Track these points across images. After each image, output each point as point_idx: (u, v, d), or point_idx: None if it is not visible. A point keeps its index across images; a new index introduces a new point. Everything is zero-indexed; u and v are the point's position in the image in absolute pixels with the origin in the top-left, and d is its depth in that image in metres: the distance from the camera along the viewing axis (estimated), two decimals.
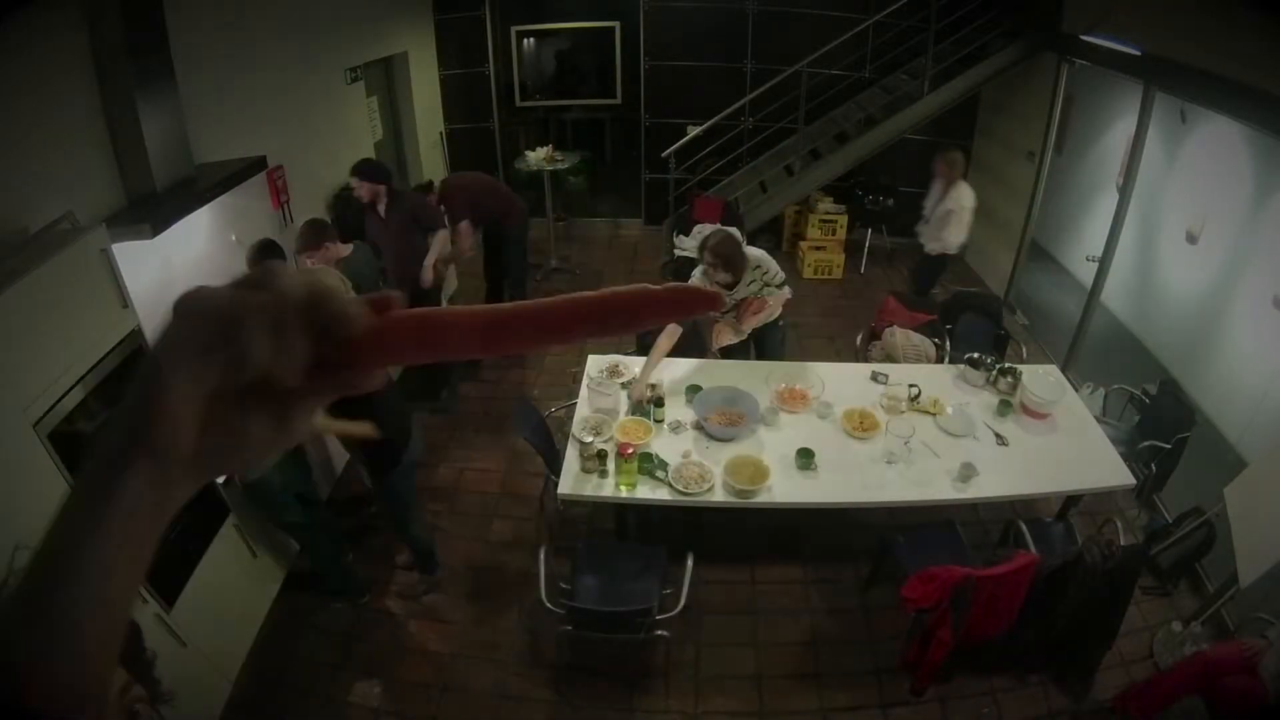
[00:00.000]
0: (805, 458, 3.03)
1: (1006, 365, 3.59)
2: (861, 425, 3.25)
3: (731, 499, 2.93)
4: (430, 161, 6.72)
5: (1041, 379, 3.55)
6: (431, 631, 3.26)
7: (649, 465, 3.00)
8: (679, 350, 3.56)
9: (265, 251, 3.09)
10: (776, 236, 6.92)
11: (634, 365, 3.58)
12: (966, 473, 2.97)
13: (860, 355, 4.23)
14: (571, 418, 3.41)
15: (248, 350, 0.33)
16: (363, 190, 3.97)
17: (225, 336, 0.33)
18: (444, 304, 3.87)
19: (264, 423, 0.37)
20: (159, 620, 2.51)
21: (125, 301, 2.45)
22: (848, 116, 6.28)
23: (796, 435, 3.21)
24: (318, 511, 3.27)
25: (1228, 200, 3.97)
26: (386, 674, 3.08)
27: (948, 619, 2.65)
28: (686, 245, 5.58)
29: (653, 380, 3.43)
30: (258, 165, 3.42)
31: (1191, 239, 4.25)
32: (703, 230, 4.64)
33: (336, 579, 3.34)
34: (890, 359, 4.03)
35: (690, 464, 3.03)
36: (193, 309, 0.34)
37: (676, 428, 3.27)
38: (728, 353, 3.79)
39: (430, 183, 5.13)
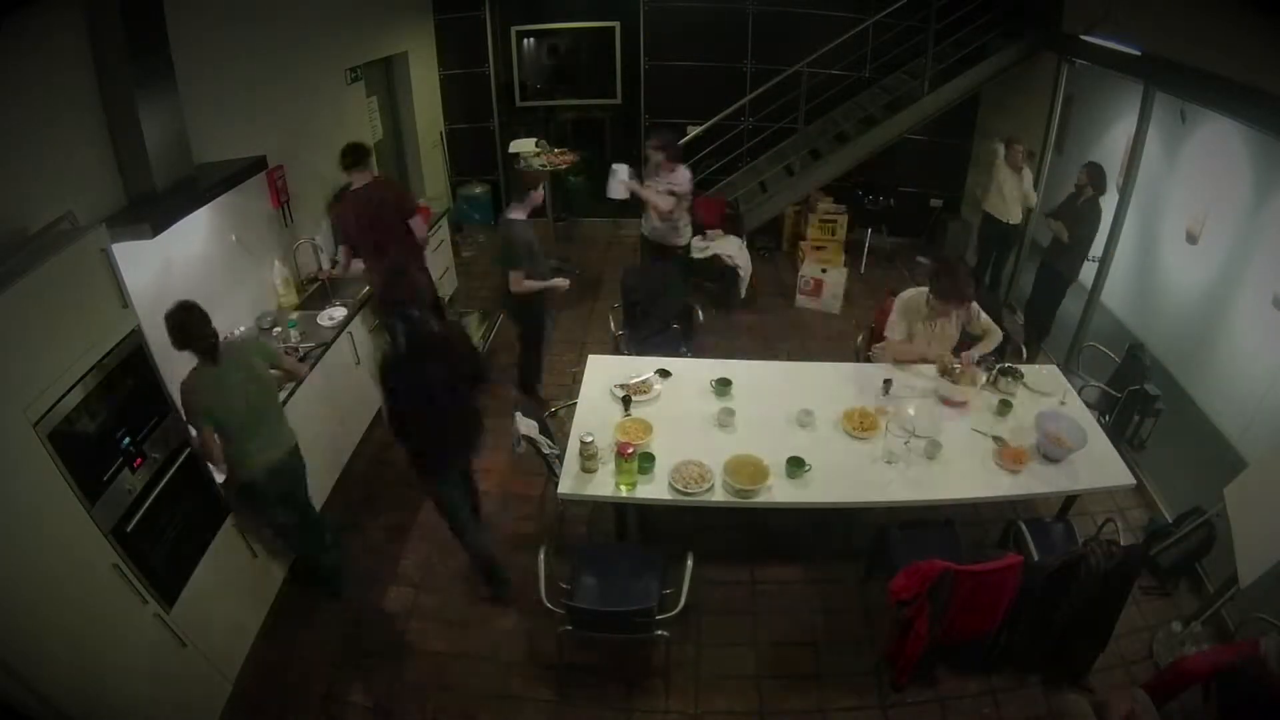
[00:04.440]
0: (795, 466, 2.99)
1: (1007, 365, 3.59)
2: (861, 425, 3.25)
3: (731, 499, 2.93)
4: (430, 161, 6.73)
5: (1042, 379, 3.55)
6: (431, 631, 3.26)
7: (649, 465, 3.00)
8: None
9: None
10: (776, 236, 6.92)
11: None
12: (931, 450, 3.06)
13: (860, 355, 4.22)
14: (571, 418, 3.41)
15: None
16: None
17: None
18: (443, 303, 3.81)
19: None
20: (159, 620, 2.51)
21: (125, 301, 2.45)
22: (848, 116, 6.28)
23: (795, 437, 3.21)
24: (311, 514, 3.27)
25: (1228, 200, 3.95)
26: (386, 674, 3.08)
27: (924, 611, 2.65)
28: (696, 247, 5.59)
29: (647, 379, 3.50)
30: (258, 165, 3.43)
31: (1191, 239, 4.24)
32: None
33: (326, 577, 3.37)
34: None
35: (690, 464, 3.02)
36: None
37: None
38: None
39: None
